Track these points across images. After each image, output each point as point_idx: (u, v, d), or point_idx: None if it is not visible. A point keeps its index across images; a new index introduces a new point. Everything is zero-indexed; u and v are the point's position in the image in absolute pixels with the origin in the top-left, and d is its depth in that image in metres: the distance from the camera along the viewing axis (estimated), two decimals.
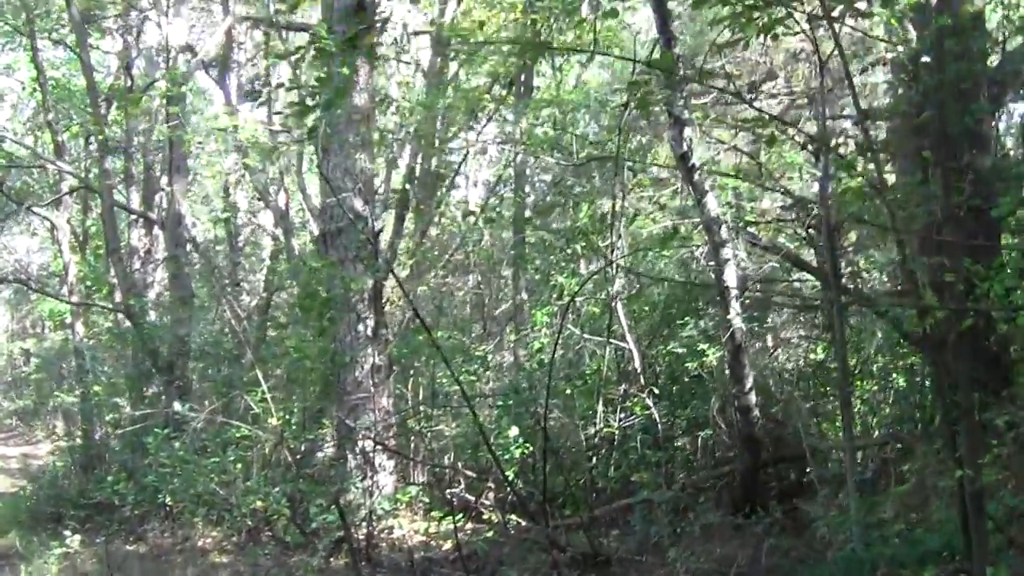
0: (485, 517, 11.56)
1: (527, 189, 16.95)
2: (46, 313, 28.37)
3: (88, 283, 23.84)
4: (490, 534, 10.71)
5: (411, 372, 13.70)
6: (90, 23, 19.99)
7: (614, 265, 11.45)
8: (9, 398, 39.40)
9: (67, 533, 11.72)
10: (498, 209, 16.37)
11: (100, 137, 16.55)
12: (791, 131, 8.77)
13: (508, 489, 10.65)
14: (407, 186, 14.94)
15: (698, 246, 11.73)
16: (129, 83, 20.61)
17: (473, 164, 19.82)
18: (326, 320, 11.44)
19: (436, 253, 16.67)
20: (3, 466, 28.71)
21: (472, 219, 15.75)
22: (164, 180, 19.42)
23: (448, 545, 10.82)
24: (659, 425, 11.14)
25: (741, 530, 9.65)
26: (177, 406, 11.49)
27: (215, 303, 16.42)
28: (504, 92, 14.67)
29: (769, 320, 12.75)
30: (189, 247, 17.04)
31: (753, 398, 10.39)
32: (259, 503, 11.30)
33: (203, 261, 17.41)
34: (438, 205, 16.50)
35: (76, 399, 19.33)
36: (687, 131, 9.76)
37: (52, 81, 23.03)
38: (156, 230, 23.10)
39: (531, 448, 11.06)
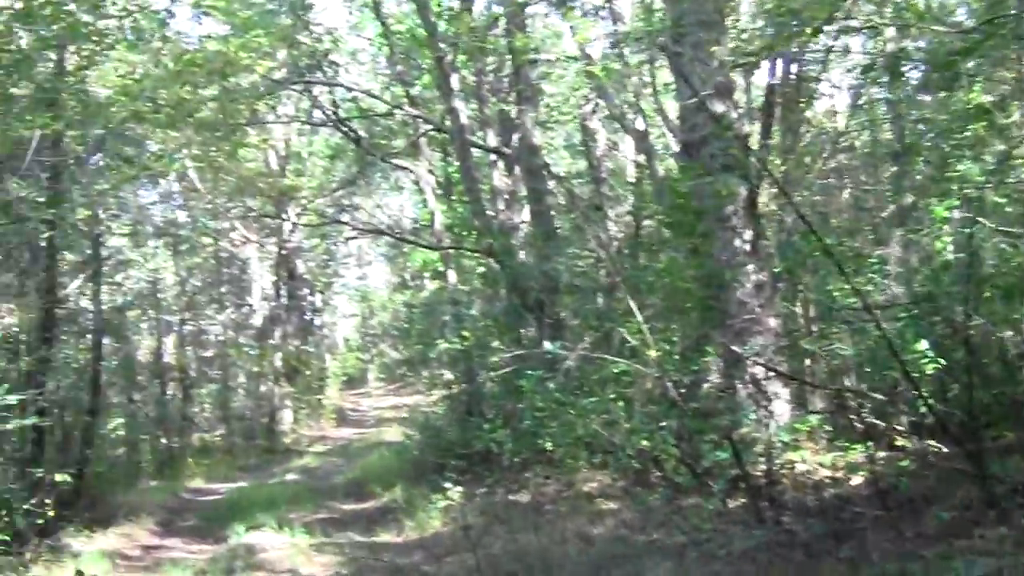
0: (898, 444, 10.32)
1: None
2: (420, 263, 29.40)
3: (455, 230, 24.35)
4: (905, 463, 9.52)
5: (798, 287, 12.54)
6: None
7: None
8: (397, 349, 41.84)
9: (447, 485, 11.76)
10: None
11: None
12: None
13: (925, 411, 9.37)
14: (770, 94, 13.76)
15: None
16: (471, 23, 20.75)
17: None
18: (698, 237, 10.60)
19: (808, 161, 15.42)
20: (396, 416, 30.44)
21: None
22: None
23: (858, 479, 9.76)
24: None
25: None
26: (548, 345, 11.03)
27: (579, 235, 15.98)
28: None
29: None
30: (551, 183, 16.77)
31: None
32: (644, 443, 10.67)
33: (564, 191, 16.99)
34: (804, 110, 15.20)
35: (454, 346, 19.77)
36: None
37: (398, 34, 23.65)
38: (518, 170, 23.31)
39: (945, 363, 9.71)
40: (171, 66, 13.75)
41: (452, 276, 22.75)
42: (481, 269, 24.52)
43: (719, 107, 11.24)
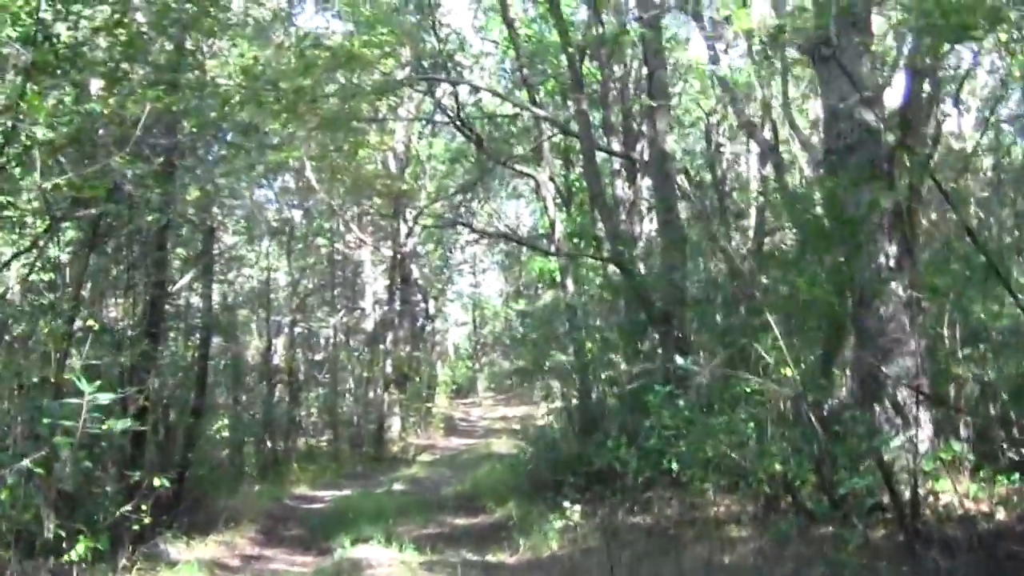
0: None
1: None
2: (536, 272, 29.23)
3: (575, 239, 24.12)
4: None
5: (946, 306, 11.95)
6: None
7: None
8: (508, 359, 41.71)
9: (566, 503, 11.49)
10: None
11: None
12: None
13: None
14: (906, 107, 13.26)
15: None
16: (600, 30, 20.60)
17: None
18: (840, 250, 10.16)
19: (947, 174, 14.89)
20: (506, 427, 30.29)
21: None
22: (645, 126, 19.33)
23: (1004, 514, 9.23)
24: None
25: None
26: (679, 360, 10.66)
27: (711, 245, 15.56)
28: None
29: None
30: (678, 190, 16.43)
31: None
32: (778, 467, 10.24)
33: (695, 199, 16.62)
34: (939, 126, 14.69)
35: (570, 358, 19.49)
36: None
37: (524, 38, 23.60)
38: (639, 180, 23.00)
39: None
40: (293, 58, 13.76)
41: (570, 286, 22.56)
42: (599, 280, 24.30)
43: (868, 116, 10.81)
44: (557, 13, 16.36)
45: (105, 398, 6.17)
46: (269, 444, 25.55)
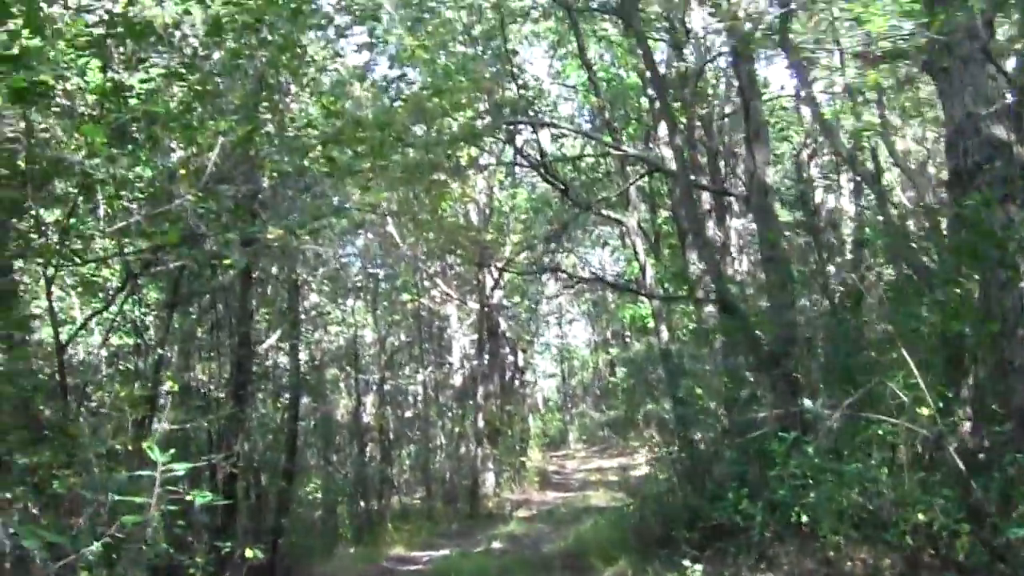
0: None
1: None
2: (627, 319, 28.36)
3: (665, 284, 23.23)
4: None
5: None
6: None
7: None
8: (599, 409, 40.75)
9: (686, 562, 10.53)
10: None
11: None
12: None
13: None
14: None
15: None
16: (684, 67, 19.87)
17: None
18: (987, 273, 9.14)
19: None
20: (602, 479, 29.21)
21: None
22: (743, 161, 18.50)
23: None
24: None
25: None
26: (807, 403, 9.61)
27: (820, 280, 14.46)
28: None
29: None
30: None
31: None
32: (921, 516, 9.12)
33: (801, 234, 15.59)
34: None
35: (666, 406, 18.51)
36: None
37: (603, 81, 22.96)
38: (728, 220, 22.05)
39: None
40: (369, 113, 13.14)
41: (664, 331, 21.61)
42: (691, 325, 23.34)
43: (998, 131, 9.78)
44: (644, 47, 15.51)
45: (182, 468, 5.38)
46: (362, 504, 24.90)
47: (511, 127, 18.00)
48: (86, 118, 7.15)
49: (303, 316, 19.22)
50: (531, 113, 20.30)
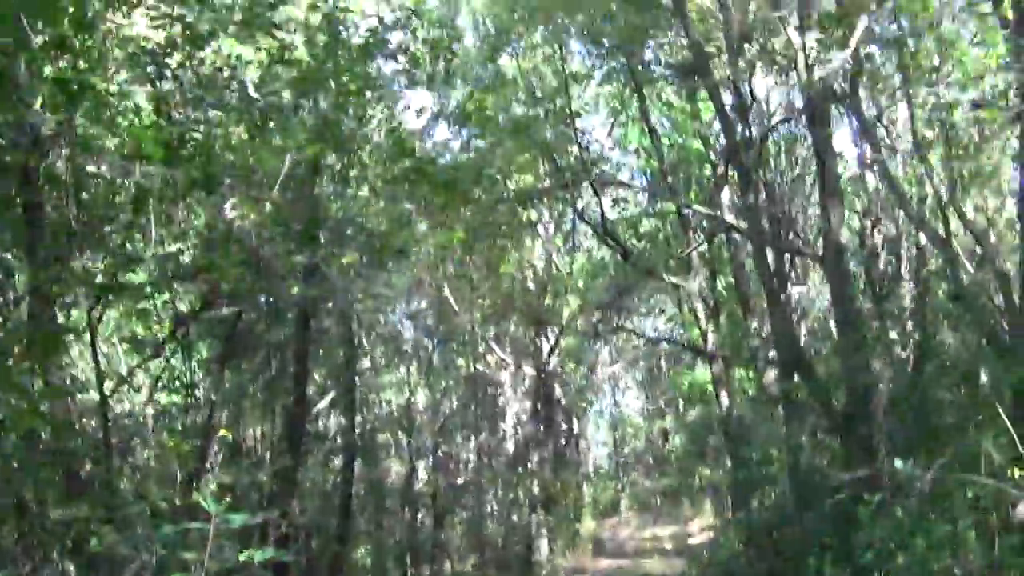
0: None
1: None
2: (685, 386, 27.52)
3: (726, 347, 22.50)
4: None
5: None
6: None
7: None
8: (652, 477, 39.62)
9: None
10: None
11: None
12: None
13: None
14: None
15: None
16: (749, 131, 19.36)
17: None
18: None
19: None
20: (656, 546, 28.22)
21: None
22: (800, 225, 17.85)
23: None
24: None
25: None
26: (899, 464, 8.76)
27: (882, 344, 13.66)
28: None
29: None
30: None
31: None
32: None
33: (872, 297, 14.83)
34: None
35: (726, 473, 17.70)
36: None
37: (667, 144, 22.44)
38: (790, 288, 21.29)
39: None
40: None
41: (724, 397, 20.88)
42: (750, 391, 22.56)
43: None
44: (718, 102, 14.95)
45: (239, 519, 4.75)
46: (413, 571, 24.09)
47: (573, 187, 17.33)
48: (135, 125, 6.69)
49: (357, 379, 18.53)
50: (594, 175, 19.77)
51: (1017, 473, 8.70)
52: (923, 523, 9.14)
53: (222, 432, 9.41)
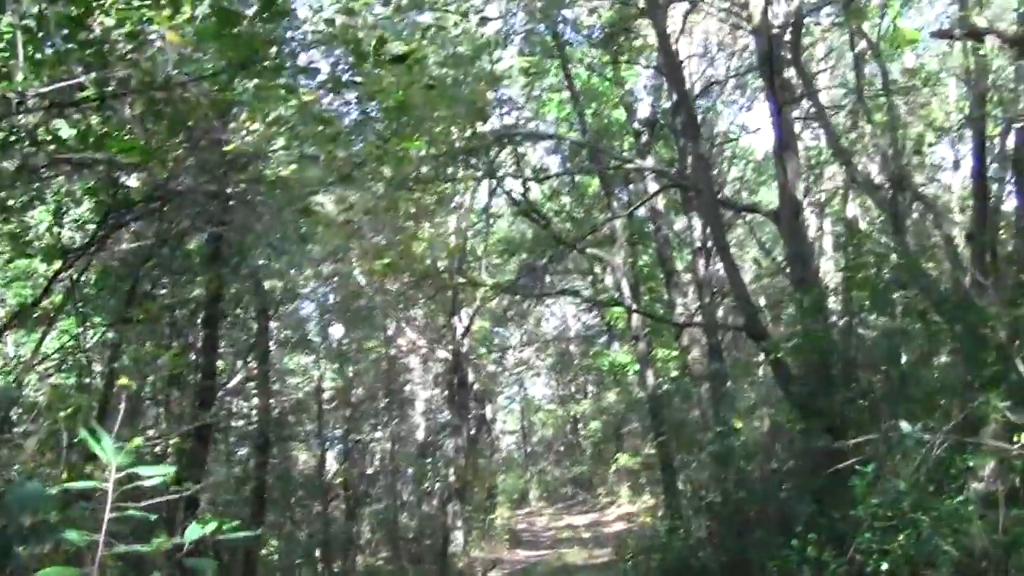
0: None
1: None
2: (605, 367, 26.26)
3: (650, 326, 21.36)
4: None
5: None
6: None
7: None
8: (562, 466, 38.41)
9: None
10: None
11: None
12: None
13: None
14: None
15: None
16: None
17: None
18: None
19: None
20: (575, 536, 26.95)
21: None
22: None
23: None
24: None
25: None
26: (905, 426, 7.46)
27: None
28: None
29: None
30: None
31: None
32: None
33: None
34: None
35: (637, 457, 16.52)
36: None
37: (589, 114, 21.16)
38: (711, 264, 20.25)
39: None
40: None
41: (650, 376, 19.67)
42: (674, 373, 21.48)
43: None
44: (665, 45, 13.64)
45: (151, 474, 3.15)
46: (323, 566, 22.44)
47: (498, 142, 15.72)
48: None
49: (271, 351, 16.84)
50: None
51: None
52: (926, 497, 7.89)
53: (122, 382, 7.70)
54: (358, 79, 8.31)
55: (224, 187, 8.54)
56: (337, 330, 26.55)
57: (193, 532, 3.32)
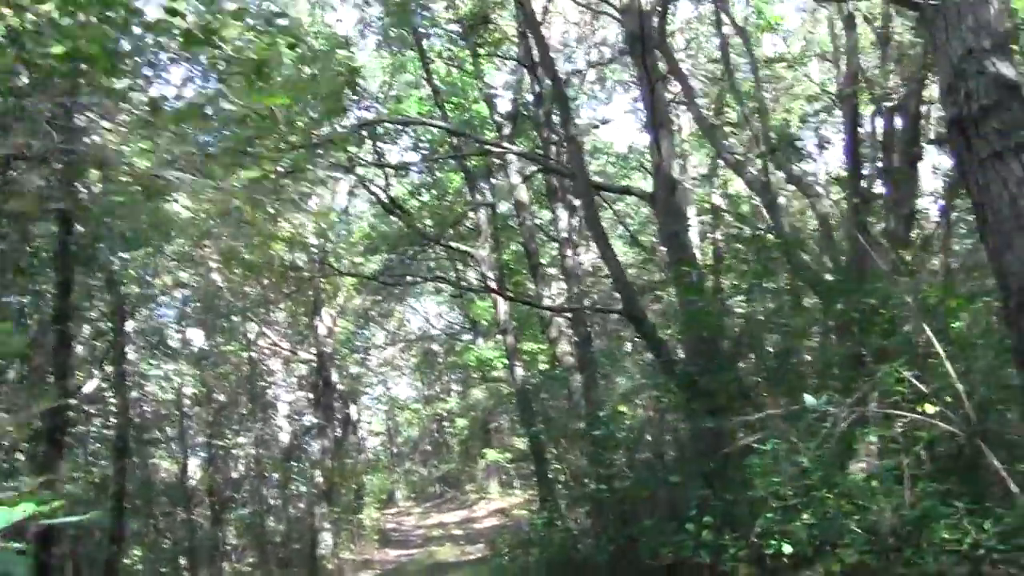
0: None
1: None
2: (472, 363, 25.81)
3: (518, 319, 21.06)
4: None
5: None
6: None
7: None
8: (429, 465, 37.91)
9: None
10: None
11: None
12: None
13: None
14: None
15: None
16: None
17: None
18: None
19: None
20: (445, 534, 26.47)
21: None
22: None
23: None
24: None
25: None
26: (810, 400, 7.22)
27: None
28: None
29: None
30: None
31: None
32: (945, 534, 6.90)
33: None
34: None
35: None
36: None
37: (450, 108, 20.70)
38: (583, 252, 20.13)
39: None
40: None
41: (519, 370, 19.32)
42: (544, 366, 21.27)
43: (1006, 69, 7.83)
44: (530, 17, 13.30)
45: None
46: (189, 574, 21.47)
47: (363, 128, 15.12)
48: None
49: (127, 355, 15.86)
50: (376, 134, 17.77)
51: (929, 408, 7.47)
52: (833, 472, 7.69)
53: None
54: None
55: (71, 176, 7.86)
56: (197, 335, 25.51)
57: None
